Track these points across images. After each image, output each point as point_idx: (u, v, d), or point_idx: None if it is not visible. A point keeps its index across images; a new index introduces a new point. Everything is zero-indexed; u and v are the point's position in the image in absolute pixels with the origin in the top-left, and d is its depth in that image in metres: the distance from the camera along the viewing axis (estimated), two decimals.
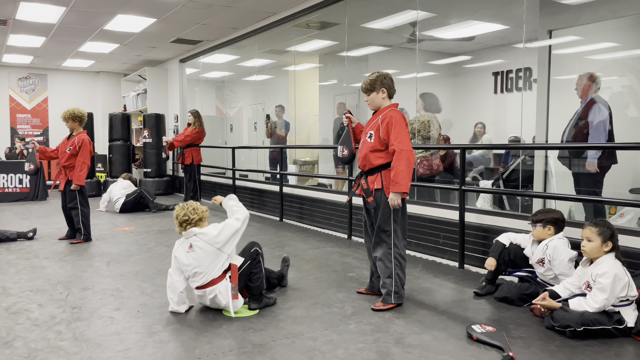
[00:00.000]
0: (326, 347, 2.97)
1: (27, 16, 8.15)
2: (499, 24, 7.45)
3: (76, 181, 5.86)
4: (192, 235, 3.51)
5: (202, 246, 3.46)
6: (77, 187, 5.89)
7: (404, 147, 3.53)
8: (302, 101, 9.95)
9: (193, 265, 3.47)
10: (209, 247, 3.46)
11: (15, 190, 9.98)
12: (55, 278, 4.47)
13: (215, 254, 3.47)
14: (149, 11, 7.92)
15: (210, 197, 10.01)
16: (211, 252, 3.46)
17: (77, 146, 5.89)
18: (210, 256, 3.46)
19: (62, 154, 6.00)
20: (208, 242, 3.47)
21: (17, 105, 13.47)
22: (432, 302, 3.81)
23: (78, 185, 5.88)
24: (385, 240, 3.68)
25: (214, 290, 3.48)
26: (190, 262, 3.47)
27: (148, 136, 11.32)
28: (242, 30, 9.20)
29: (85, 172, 5.90)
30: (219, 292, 3.47)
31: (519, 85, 8.34)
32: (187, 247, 3.51)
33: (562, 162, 5.31)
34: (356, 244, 5.96)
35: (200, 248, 3.46)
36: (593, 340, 3.03)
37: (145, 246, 5.80)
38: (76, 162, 5.87)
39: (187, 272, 3.50)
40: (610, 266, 3.11)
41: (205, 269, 3.46)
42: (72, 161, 5.91)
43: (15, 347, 2.98)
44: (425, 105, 6.40)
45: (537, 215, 3.80)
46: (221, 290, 3.47)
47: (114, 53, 11.31)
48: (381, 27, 7.95)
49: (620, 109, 5.37)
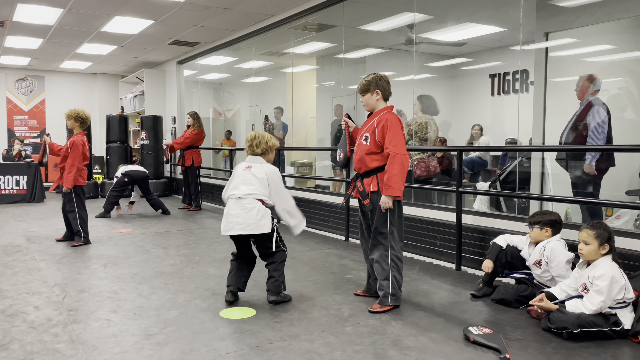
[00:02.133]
0: (323, 349, 2.97)
1: (25, 18, 8.14)
2: (495, 27, 7.47)
3: (65, 183, 5.79)
4: (257, 162, 3.77)
5: (258, 172, 3.72)
6: (67, 190, 5.82)
7: (398, 151, 3.53)
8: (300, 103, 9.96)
9: (244, 178, 3.72)
10: (263, 175, 3.70)
11: (12, 192, 9.96)
12: (51, 280, 4.46)
13: (264, 184, 3.68)
14: (146, 13, 7.92)
15: (210, 199, 10.02)
16: (262, 180, 3.69)
17: (68, 148, 5.86)
18: (259, 182, 3.69)
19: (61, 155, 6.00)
20: (265, 171, 3.73)
21: (14, 107, 13.45)
22: (429, 304, 3.81)
23: (68, 188, 5.80)
24: (381, 242, 3.68)
25: (255, 204, 3.63)
26: (243, 177, 3.72)
27: (145, 138, 11.31)
28: (239, 32, 9.20)
29: (74, 174, 5.78)
30: (258, 210, 3.62)
31: (515, 88, 8.36)
32: (246, 166, 3.79)
33: (560, 164, 5.32)
34: (353, 245, 5.96)
35: (256, 174, 3.71)
36: (589, 342, 3.04)
37: (142, 248, 5.79)
38: (65, 165, 5.82)
39: (234, 182, 3.74)
40: (607, 268, 3.12)
41: (250, 186, 3.67)
42: (65, 163, 5.89)
43: (12, 349, 2.97)
44: (423, 107, 6.41)
45: (535, 217, 3.81)
46: (260, 210, 3.63)
47: (112, 55, 11.30)
48: (378, 29, 7.97)
49: (618, 111, 5.38)
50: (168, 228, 7.13)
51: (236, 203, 3.67)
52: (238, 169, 3.82)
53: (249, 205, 3.63)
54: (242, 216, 3.62)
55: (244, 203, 3.65)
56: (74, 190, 5.86)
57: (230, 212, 3.68)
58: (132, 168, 8.51)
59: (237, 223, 3.63)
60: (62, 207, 6.13)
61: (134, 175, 8.29)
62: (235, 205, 3.67)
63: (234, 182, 3.78)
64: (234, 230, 3.64)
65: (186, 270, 4.80)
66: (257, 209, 3.63)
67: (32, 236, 6.50)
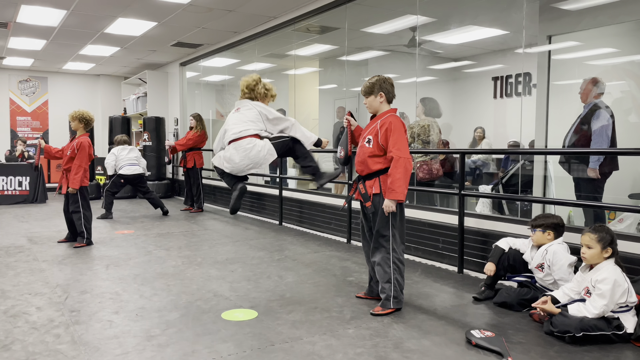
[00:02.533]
0: (325, 351, 2.96)
1: (28, 19, 8.16)
2: (498, 29, 7.47)
3: (71, 184, 5.82)
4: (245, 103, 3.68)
5: (247, 110, 3.63)
6: (73, 191, 5.85)
7: (401, 155, 3.53)
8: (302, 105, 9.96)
9: (233, 121, 3.58)
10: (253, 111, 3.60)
11: (15, 193, 9.97)
12: (54, 281, 4.46)
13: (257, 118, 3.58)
14: (149, 15, 7.94)
15: (212, 201, 10.03)
16: (253, 114, 3.58)
17: (75, 149, 5.88)
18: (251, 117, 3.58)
19: (63, 157, 6.01)
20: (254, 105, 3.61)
21: (17, 108, 13.48)
22: (431, 306, 3.81)
23: (74, 189, 5.83)
24: (383, 245, 3.67)
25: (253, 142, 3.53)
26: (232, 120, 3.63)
27: (148, 139, 11.33)
28: (242, 34, 9.22)
29: (80, 175, 5.82)
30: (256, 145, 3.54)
31: (518, 90, 8.35)
32: (235, 109, 3.68)
33: (562, 167, 5.31)
34: (355, 248, 5.96)
35: (248, 109, 3.63)
36: (592, 346, 3.03)
37: (144, 249, 5.80)
38: (72, 166, 5.85)
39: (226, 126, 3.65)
40: (610, 272, 3.11)
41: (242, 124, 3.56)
42: (71, 164, 5.90)
43: (14, 350, 2.98)
44: (426, 110, 6.41)
45: (537, 220, 3.80)
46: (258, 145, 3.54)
47: (115, 56, 11.33)
48: (381, 31, 7.98)
49: (622, 114, 5.37)
50: (170, 229, 7.13)
51: (235, 147, 3.59)
52: (228, 116, 3.79)
53: (249, 145, 3.57)
54: (246, 157, 3.58)
55: (243, 144, 3.58)
56: (79, 191, 5.88)
57: (231, 158, 3.61)
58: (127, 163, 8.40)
59: (244, 165, 3.60)
60: (64, 208, 6.14)
61: (129, 177, 8.32)
62: (234, 150, 3.59)
63: (226, 127, 3.72)
64: (246, 171, 3.61)
65: (188, 271, 4.80)
66: (256, 145, 3.57)
67: (34, 237, 6.51)
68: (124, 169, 8.36)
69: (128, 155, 8.44)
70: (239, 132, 3.62)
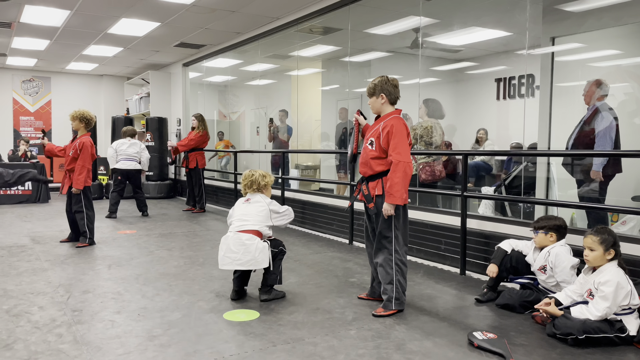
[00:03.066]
0: (327, 352, 2.96)
1: (32, 19, 8.19)
2: (502, 31, 7.46)
3: (75, 185, 5.83)
4: (255, 195, 4.02)
5: (259, 200, 3.97)
6: (77, 191, 5.87)
7: (401, 159, 3.52)
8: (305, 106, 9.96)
9: (244, 211, 3.93)
10: (264, 205, 3.94)
11: (18, 193, 9.99)
12: (56, 281, 4.47)
13: (266, 214, 3.91)
14: (152, 15, 7.95)
15: (214, 201, 10.04)
16: (263, 210, 3.92)
17: (78, 150, 5.88)
18: (260, 212, 3.91)
19: (66, 157, 6.01)
20: (265, 202, 3.97)
21: (20, 108, 13.52)
22: (433, 308, 3.80)
23: (78, 190, 5.85)
24: (386, 246, 3.67)
25: (254, 240, 3.78)
26: (243, 210, 3.95)
27: (150, 140, 11.34)
28: (245, 35, 9.23)
29: (84, 175, 5.85)
30: (257, 245, 3.77)
31: (521, 92, 8.34)
32: (245, 200, 4.03)
33: (566, 169, 5.30)
34: (357, 249, 5.95)
35: (257, 202, 3.97)
36: (595, 349, 3.02)
37: (147, 249, 5.80)
38: (76, 166, 5.86)
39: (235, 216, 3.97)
40: (612, 274, 3.10)
41: (251, 218, 3.88)
42: (74, 164, 5.90)
43: (16, 349, 2.98)
44: (429, 111, 6.40)
45: (539, 222, 3.79)
46: (259, 246, 3.78)
47: (118, 57, 11.35)
48: (384, 32, 7.97)
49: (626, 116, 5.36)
50: (172, 230, 7.14)
51: (235, 238, 3.82)
52: (238, 202, 4.07)
53: (248, 242, 3.77)
54: (241, 252, 3.75)
55: (242, 238, 3.79)
56: (82, 191, 5.90)
57: (230, 247, 3.80)
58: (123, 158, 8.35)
59: (236, 259, 3.77)
60: (66, 208, 6.15)
61: (123, 171, 8.30)
62: (234, 240, 3.81)
63: (234, 213, 4.01)
64: (232, 266, 3.81)
65: (190, 272, 4.81)
66: (255, 245, 3.77)
67: (37, 237, 6.52)
68: (119, 163, 8.34)
69: (127, 150, 8.40)
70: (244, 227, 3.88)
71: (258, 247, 3.77)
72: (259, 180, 4.03)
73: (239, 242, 3.78)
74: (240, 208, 4.00)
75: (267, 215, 3.91)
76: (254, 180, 4.03)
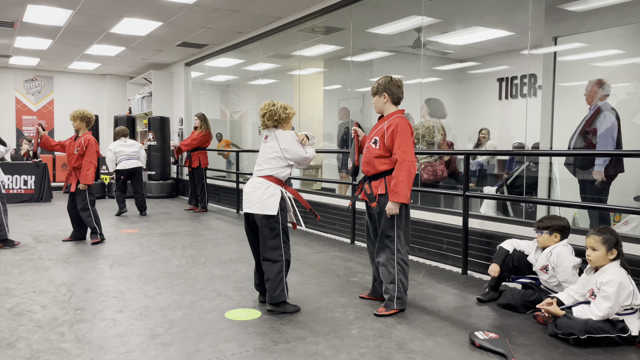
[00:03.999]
0: (328, 351, 2.96)
1: (34, 19, 8.20)
2: (504, 31, 7.45)
3: (83, 180, 5.94)
4: (272, 133, 3.71)
5: (273, 139, 3.67)
6: (84, 187, 5.97)
7: (406, 157, 3.53)
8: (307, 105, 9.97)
9: (260, 154, 3.71)
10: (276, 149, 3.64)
11: (20, 192, 10.02)
12: (58, 280, 4.48)
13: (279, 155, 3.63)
14: (155, 15, 7.96)
15: (216, 201, 10.05)
16: (275, 152, 3.63)
17: (83, 146, 6.00)
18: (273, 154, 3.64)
19: (70, 155, 6.06)
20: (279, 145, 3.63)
21: (23, 107, 13.55)
22: (434, 308, 3.80)
23: (85, 185, 5.96)
24: (388, 245, 3.67)
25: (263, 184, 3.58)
26: (261, 151, 3.72)
27: (153, 139, 11.35)
28: (247, 35, 9.23)
29: (92, 171, 5.99)
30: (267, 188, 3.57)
31: (523, 92, 8.33)
32: (264, 137, 3.75)
33: (568, 169, 5.29)
34: (359, 248, 5.95)
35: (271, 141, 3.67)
36: (596, 349, 3.02)
37: (149, 248, 5.81)
38: (83, 162, 5.97)
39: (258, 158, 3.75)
40: (615, 274, 3.10)
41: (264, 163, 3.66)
42: (81, 162, 6.01)
43: (18, 348, 2.99)
44: (431, 111, 6.40)
45: (544, 222, 3.77)
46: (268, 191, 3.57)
47: (120, 56, 11.37)
48: (386, 32, 7.97)
49: (628, 116, 5.35)
50: (174, 229, 7.15)
51: (250, 181, 3.70)
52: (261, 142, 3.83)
53: (258, 184, 3.62)
54: (251, 194, 3.63)
55: (254, 182, 3.66)
56: (87, 188, 6.00)
57: (245, 190, 3.70)
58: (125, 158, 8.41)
59: (247, 202, 3.65)
60: (68, 206, 6.18)
61: (125, 171, 8.39)
62: (248, 183, 3.70)
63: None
64: (245, 208, 3.66)
65: (192, 271, 4.81)
66: (265, 188, 3.59)
67: (39, 235, 6.54)
68: (121, 164, 8.42)
69: (126, 150, 8.47)
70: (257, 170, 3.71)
71: (267, 192, 3.56)
72: (280, 112, 3.67)
73: (250, 185, 3.65)
74: (261, 149, 3.75)
75: (280, 156, 3.62)
76: (275, 112, 3.66)
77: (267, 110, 3.69)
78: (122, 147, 8.47)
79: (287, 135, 3.68)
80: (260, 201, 3.57)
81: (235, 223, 7.79)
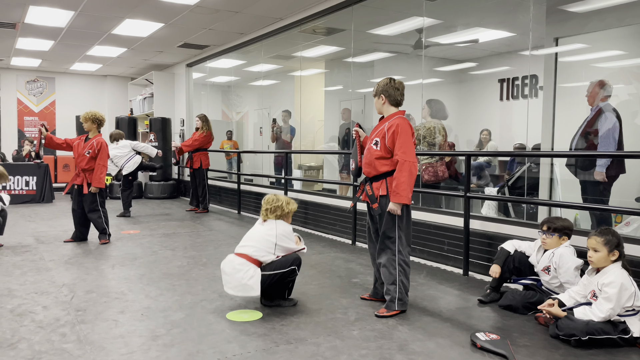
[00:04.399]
0: (329, 352, 2.97)
1: (36, 20, 8.22)
2: (505, 31, 7.45)
3: (96, 184, 6.02)
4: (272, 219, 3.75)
5: (271, 227, 3.69)
6: (96, 190, 6.05)
7: (407, 158, 3.53)
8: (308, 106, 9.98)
9: (252, 232, 3.74)
10: (272, 237, 3.66)
11: (22, 193, 10.04)
12: (60, 280, 4.49)
13: (271, 245, 3.64)
14: (156, 16, 7.97)
15: (217, 202, 10.05)
16: (269, 239, 3.65)
17: (96, 149, 6.06)
18: (266, 240, 3.65)
19: (80, 156, 6.08)
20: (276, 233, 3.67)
21: (24, 108, 13.57)
22: (436, 309, 3.80)
23: (97, 188, 6.04)
24: (389, 246, 3.67)
25: (244, 267, 3.57)
26: (253, 230, 3.76)
27: (154, 140, 11.37)
28: (248, 36, 9.24)
29: (104, 174, 6.09)
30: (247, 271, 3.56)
31: (524, 93, 8.33)
32: (262, 220, 3.79)
33: (569, 169, 5.29)
34: (360, 249, 5.95)
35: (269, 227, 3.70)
36: (598, 350, 3.01)
37: (150, 249, 5.82)
38: (95, 165, 6.05)
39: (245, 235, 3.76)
40: (616, 276, 3.10)
41: (254, 243, 3.66)
42: (92, 164, 6.07)
43: (20, 348, 3.00)
44: (432, 112, 6.40)
45: (554, 223, 3.69)
46: (248, 273, 3.55)
47: (122, 57, 11.38)
48: (387, 33, 7.97)
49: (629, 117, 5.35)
50: (175, 230, 7.16)
51: (229, 259, 3.68)
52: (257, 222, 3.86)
53: (239, 266, 3.59)
54: (232, 275, 3.61)
55: (234, 263, 3.62)
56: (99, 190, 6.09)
57: (223, 269, 3.68)
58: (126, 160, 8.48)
59: (227, 282, 3.64)
60: (73, 207, 6.19)
61: (134, 171, 8.48)
62: (228, 261, 3.67)
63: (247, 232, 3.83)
64: (225, 287, 3.67)
65: (193, 272, 4.82)
66: (245, 271, 3.56)
67: (41, 236, 6.55)
68: (126, 167, 8.46)
69: (119, 154, 8.50)
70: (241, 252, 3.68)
71: (247, 274, 3.55)
72: (283, 207, 3.74)
73: (230, 266, 3.62)
74: (253, 228, 3.80)
75: (271, 246, 3.65)
76: (278, 207, 3.74)
77: (271, 205, 3.76)
78: (115, 149, 8.46)
79: (287, 227, 3.76)
80: (241, 284, 3.56)
81: (237, 224, 7.80)
